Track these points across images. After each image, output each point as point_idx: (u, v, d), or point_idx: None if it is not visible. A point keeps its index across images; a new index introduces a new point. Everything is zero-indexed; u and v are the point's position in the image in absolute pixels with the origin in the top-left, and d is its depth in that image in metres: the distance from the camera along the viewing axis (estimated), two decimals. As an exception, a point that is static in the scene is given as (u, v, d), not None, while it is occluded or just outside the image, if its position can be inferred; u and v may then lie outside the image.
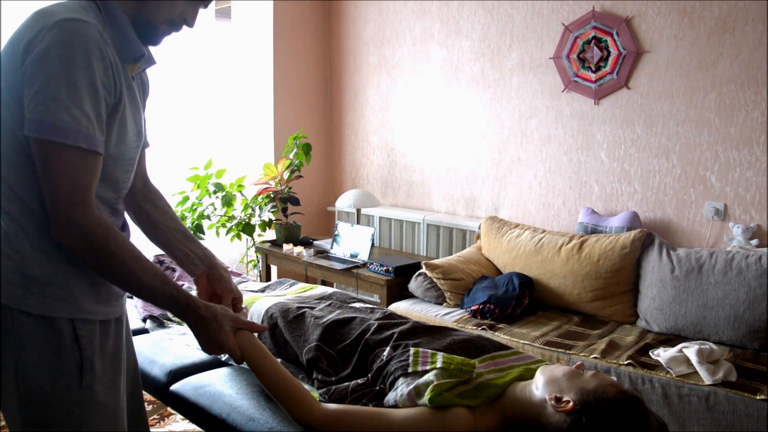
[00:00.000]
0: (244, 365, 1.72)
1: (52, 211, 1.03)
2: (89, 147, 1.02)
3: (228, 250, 4.07)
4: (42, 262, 1.06)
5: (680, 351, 2.24)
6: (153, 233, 1.39)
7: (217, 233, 3.82)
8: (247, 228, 3.84)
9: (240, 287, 2.20)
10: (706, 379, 2.08)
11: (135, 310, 2.25)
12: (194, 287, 1.41)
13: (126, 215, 1.31)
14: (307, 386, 1.53)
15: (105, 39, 1.06)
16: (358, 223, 3.73)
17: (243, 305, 1.47)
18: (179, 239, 1.39)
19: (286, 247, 3.67)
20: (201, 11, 1.24)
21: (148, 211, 1.38)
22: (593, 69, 3.07)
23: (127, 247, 1.09)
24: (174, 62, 3.85)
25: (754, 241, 2.65)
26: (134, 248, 1.11)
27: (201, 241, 3.84)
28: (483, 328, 2.61)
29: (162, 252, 1.43)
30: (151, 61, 1.23)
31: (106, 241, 1.06)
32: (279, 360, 1.63)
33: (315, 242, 3.86)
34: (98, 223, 1.05)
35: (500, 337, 2.53)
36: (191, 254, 1.39)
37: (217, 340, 1.23)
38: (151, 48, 1.22)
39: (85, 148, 1.02)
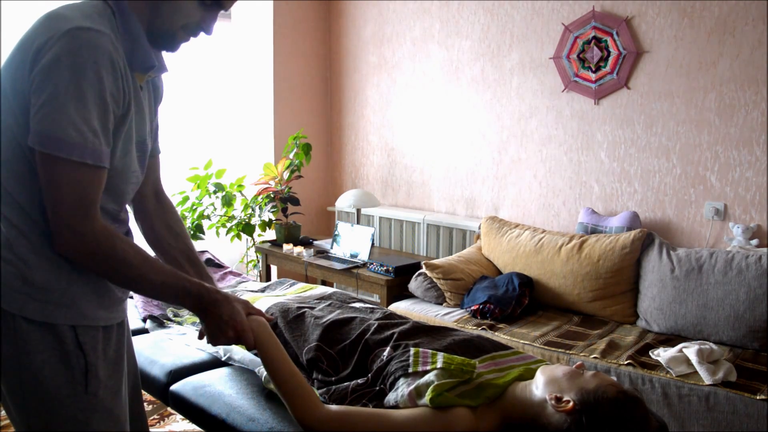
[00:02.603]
0: (245, 365, 1.72)
1: (56, 224, 1.02)
2: (95, 162, 1.01)
3: (228, 250, 4.07)
4: (45, 268, 1.05)
5: (680, 351, 2.24)
6: (160, 255, 1.38)
7: (217, 233, 3.82)
8: (247, 228, 3.84)
9: (240, 287, 2.20)
10: (706, 379, 2.08)
11: (135, 310, 2.25)
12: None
13: (131, 223, 1.29)
14: (307, 386, 1.53)
15: (117, 48, 1.04)
16: (358, 223, 3.73)
17: None
18: (183, 265, 1.35)
19: (286, 247, 3.67)
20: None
21: (156, 229, 1.35)
22: (593, 69, 3.07)
23: (134, 250, 1.09)
24: (174, 62, 3.84)
25: (754, 241, 2.65)
26: (141, 250, 1.10)
27: (201, 241, 3.75)
28: (483, 328, 2.61)
29: None
30: (163, 68, 1.21)
31: (113, 249, 1.05)
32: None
33: (315, 242, 3.86)
34: (102, 233, 1.04)
35: (500, 337, 2.53)
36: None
37: (232, 320, 1.20)
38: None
39: (91, 163, 1.00)
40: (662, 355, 2.25)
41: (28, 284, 1.05)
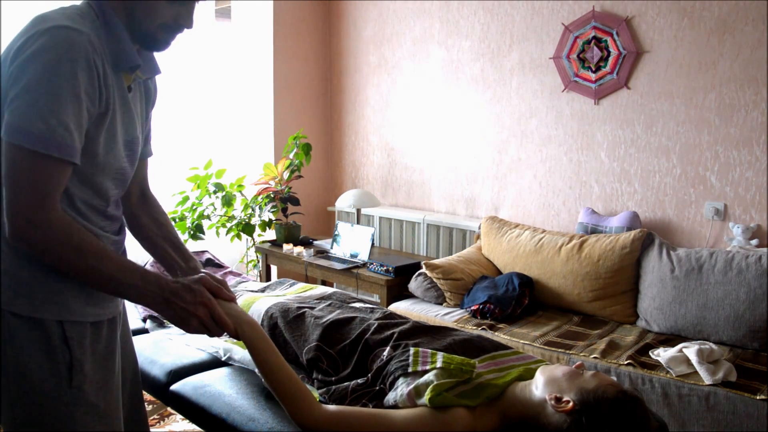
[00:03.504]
0: (245, 365, 1.72)
1: (10, 213, 1.00)
2: (61, 156, 1.00)
3: (228, 250, 4.07)
4: (33, 264, 1.06)
5: (680, 351, 2.24)
6: (143, 242, 1.39)
7: (217, 233, 3.82)
8: (247, 228, 3.84)
9: (240, 287, 2.20)
10: (706, 379, 2.08)
11: (135, 310, 2.25)
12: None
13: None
14: (307, 386, 1.53)
15: (96, 48, 1.05)
16: (358, 223, 3.73)
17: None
18: (166, 249, 1.38)
19: (286, 247, 3.67)
20: (201, 9, 1.21)
21: (139, 218, 1.37)
22: (593, 69, 3.07)
23: (90, 239, 1.06)
24: (174, 62, 3.85)
25: (754, 241, 2.65)
26: (98, 241, 1.08)
27: (201, 241, 3.74)
28: (483, 328, 2.61)
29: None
30: (153, 71, 1.21)
31: (69, 238, 1.03)
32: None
33: (315, 242, 3.86)
34: (58, 222, 1.02)
35: (500, 337, 2.53)
36: (175, 264, 1.38)
37: (199, 297, 1.13)
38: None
39: (56, 156, 1.00)
40: (662, 355, 2.25)
41: (16, 280, 1.06)
